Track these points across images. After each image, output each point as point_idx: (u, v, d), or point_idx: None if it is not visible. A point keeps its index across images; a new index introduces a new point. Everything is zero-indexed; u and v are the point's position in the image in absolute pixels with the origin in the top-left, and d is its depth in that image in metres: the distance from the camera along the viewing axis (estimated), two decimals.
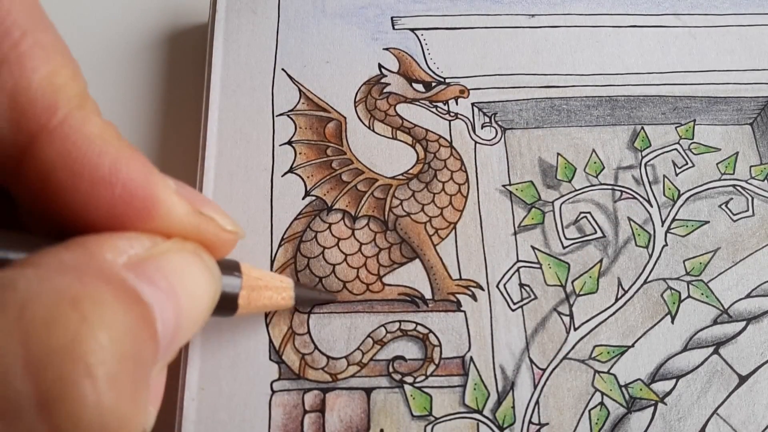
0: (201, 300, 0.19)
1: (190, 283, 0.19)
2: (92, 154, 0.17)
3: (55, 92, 0.17)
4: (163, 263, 0.18)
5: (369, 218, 0.29)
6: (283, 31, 0.33)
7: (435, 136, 0.31)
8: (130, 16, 0.37)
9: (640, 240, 0.29)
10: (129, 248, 0.17)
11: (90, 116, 0.18)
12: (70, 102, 0.17)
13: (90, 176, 0.17)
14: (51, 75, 0.17)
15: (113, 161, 0.17)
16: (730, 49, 0.33)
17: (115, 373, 0.14)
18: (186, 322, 0.18)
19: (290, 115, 0.31)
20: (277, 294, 0.25)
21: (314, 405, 0.26)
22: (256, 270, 0.24)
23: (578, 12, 0.34)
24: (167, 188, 0.19)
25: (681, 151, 0.31)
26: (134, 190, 0.18)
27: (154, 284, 0.17)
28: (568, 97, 0.32)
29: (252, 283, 0.24)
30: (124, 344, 0.15)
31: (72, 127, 0.17)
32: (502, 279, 0.28)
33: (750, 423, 0.26)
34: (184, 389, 0.25)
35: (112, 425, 0.14)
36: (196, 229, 0.20)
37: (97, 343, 0.14)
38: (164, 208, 0.19)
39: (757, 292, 0.28)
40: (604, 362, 0.27)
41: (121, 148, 0.18)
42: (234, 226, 0.22)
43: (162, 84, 0.35)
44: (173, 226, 0.19)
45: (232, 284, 0.23)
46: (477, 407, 0.26)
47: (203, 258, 0.20)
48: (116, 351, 0.14)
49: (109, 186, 0.17)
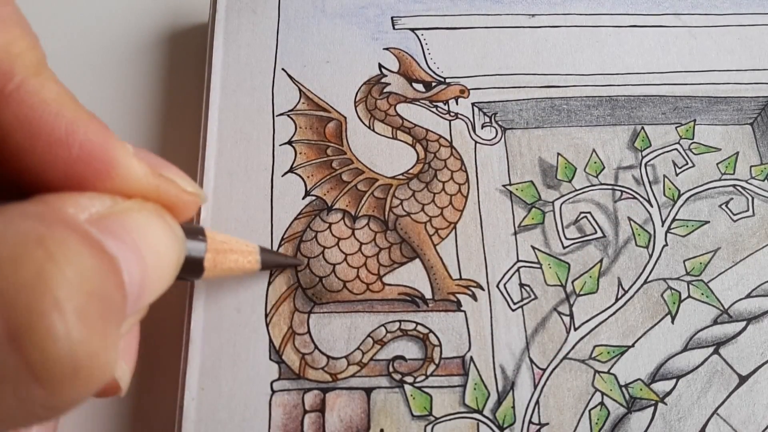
0: (165, 257, 0.19)
1: (153, 240, 0.19)
2: (48, 115, 0.18)
3: (11, 60, 0.18)
4: (125, 220, 0.18)
5: (369, 218, 0.29)
6: (283, 30, 0.33)
7: (435, 136, 0.31)
8: (130, 16, 0.37)
9: (640, 240, 0.29)
10: (90, 206, 0.18)
11: (46, 82, 0.18)
12: (26, 69, 0.18)
13: (47, 137, 0.18)
14: (7, 44, 0.18)
15: (70, 122, 0.18)
16: (731, 49, 0.33)
17: (83, 307, 0.14)
18: (152, 278, 0.18)
19: (290, 115, 0.31)
20: (243, 257, 0.25)
21: (314, 405, 0.26)
22: (221, 234, 0.25)
23: (578, 12, 0.34)
24: (125, 150, 0.19)
25: (681, 151, 0.31)
26: (91, 151, 0.18)
27: (118, 239, 0.17)
28: (568, 97, 0.32)
29: (217, 246, 0.24)
30: (91, 281, 0.15)
31: (28, 92, 0.18)
32: (503, 279, 0.28)
33: (750, 423, 0.26)
34: (184, 389, 0.25)
35: (81, 357, 0.14)
36: (156, 190, 0.20)
37: (63, 278, 0.14)
38: (122, 168, 0.19)
39: (758, 292, 0.28)
40: (605, 362, 0.27)
41: (78, 111, 0.18)
42: (194, 187, 0.22)
43: (162, 84, 0.35)
44: (133, 188, 0.19)
45: (197, 248, 0.23)
46: (477, 407, 0.26)
47: (165, 218, 0.20)
48: (83, 287, 0.15)
49: (65, 146, 0.18)
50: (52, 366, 0.14)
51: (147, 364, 0.27)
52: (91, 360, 0.15)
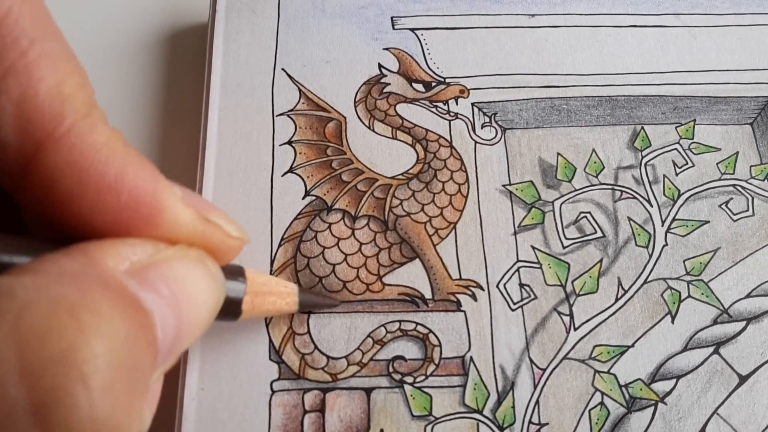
0: (203, 307, 0.19)
1: (192, 290, 0.19)
2: (98, 162, 0.17)
3: (62, 101, 0.17)
4: (165, 270, 0.18)
5: (369, 218, 0.29)
6: (283, 30, 0.33)
7: (435, 136, 0.31)
8: (130, 16, 0.37)
9: (640, 240, 0.29)
10: (132, 255, 0.17)
11: (96, 125, 0.18)
12: (77, 111, 0.17)
13: (96, 184, 0.17)
14: (58, 84, 0.17)
15: (119, 169, 0.18)
16: (730, 48, 0.33)
17: (110, 381, 0.14)
18: (187, 329, 0.18)
19: (290, 115, 0.31)
20: (281, 299, 0.25)
21: (314, 405, 0.26)
22: (260, 275, 0.24)
23: (578, 12, 0.34)
24: (173, 195, 0.19)
25: (681, 150, 0.31)
26: (140, 198, 0.18)
27: (155, 291, 0.17)
28: (568, 97, 0.32)
29: (256, 288, 0.24)
30: (120, 353, 0.15)
31: (78, 136, 0.17)
32: (502, 279, 0.28)
33: (750, 423, 0.26)
34: (184, 389, 0.25)
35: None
36: (202, 235, 0.20)
37: (92, 352, 0.14)
38: (170, 215, 0.19)
39: (757, 291, 0.28)
40: (604, 362, 0.27)
41: (127, 155, 0.18)
42: (239, 232, 0.22)
43: (162, 84, 0.35)
44: (179, 233, 0.19)
45: (236, 289, 0.23)
46: (477, 407, 0.26)
47: (207, 264, 0.20)
48: (112, 360, 0.14)
49: (115, 194, 0.17)
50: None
51: None
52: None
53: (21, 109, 0.17)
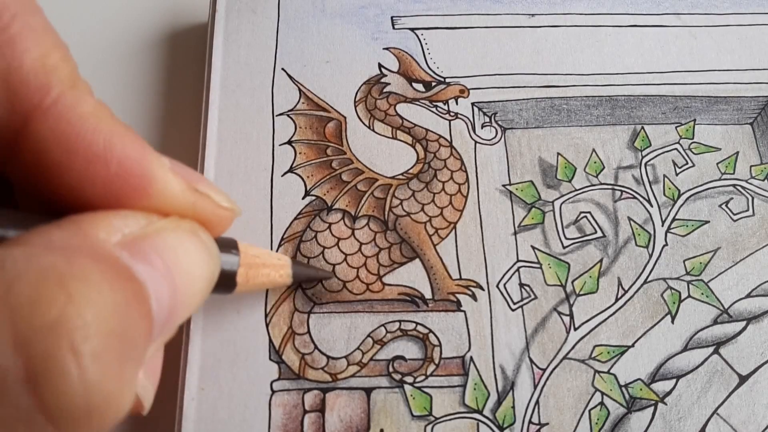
0: (198, 278, 0.19)
1: (186, 261, 0.19)
2: (86, 131, 0.17)
3: (47, 73, 0.17)
4: (158, 241, 0.18)
5: (369, 218, 0.29)
6: (283, 30, 0.33)
7: (435, 135, 0.31)
8: (130, 16, 0.37)
9: (640, 240, 0.29)
10: (124, 226, 0.17)
11: (83, 95, 0.18)
12: (62, 82, 0.17)
13: (84, 153, 0.17)
14: (42, 56, 0.17)
15: (107, 138, 0.18)
16: (731, 48, 0.33)
17: (100, 349, 0.14)
18: (183, 300, 0.18)
19: (290, 115, 0.31)
20: (275, 271, 0.25)
21: (314, 405, 0.26)
22: (253, 248, 0.25)
23: (578, 12, 0.34)
24: (162, 165, 0.19)
25: (681, 150, 0.31)
26: (129, 167, 0.18)
27: (148, 262, 0.17)
28: (568, 97, 0.32)
29: (250, 260, 0.24)
30: (110, 321, 0.15)
31: (65, 106, 0.17)
32: (502, 279, 0.28)
33: (750, 423, 0.26)
34: (184, 389, 0.25)
35: (97, 400, 0.14)
36: (192, 206, 0.20)
37: (81, 321, 0.14)
38: (160, 185, 0.19)
39: (758, 291, 0.28)
40: (604, 362, 0.27)
41: (115, 125, 0.18)
42: (230, 202, 0.22)
43: (162, 84, 0.35)
44: (169, 204, 0.19)
45: (230, 262, 0.23)
46: (477, 407, 0.26)
47: (200, 236, 0.20)
48: (102, 327, 0.14)
49: (104, 163, 0.17)
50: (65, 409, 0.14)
51: None
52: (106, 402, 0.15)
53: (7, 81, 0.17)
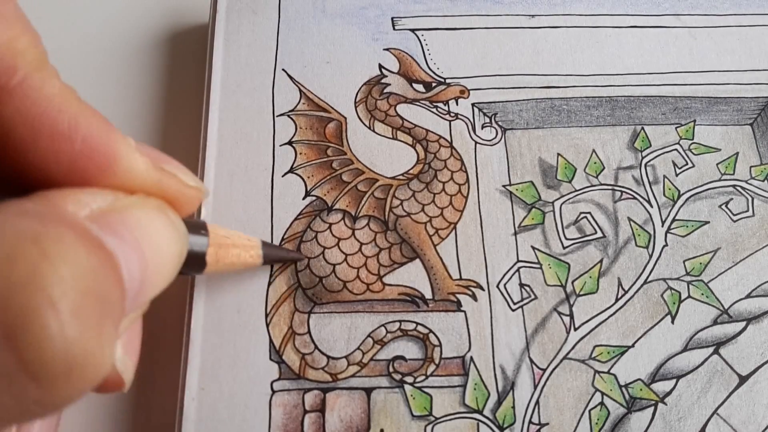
0: (166, 254, 0.20)
1: (154, 236, 0.19)
2: (51, 110, 0.18)
3: (14, 56, 0.18)
4: (126, 216, 0.18)
5: (369, 218, 0.29)
6: (283, 31, 0.33)
7: (435, 136, 0.31)
8: (130, 16, 0.37)
9: (640, 240, 0.29)
10: (92, 202, 0.18)
11: (49, 78, 0.18)
12: (29, 64, 0.18)
13: (49, 132, 0.18)
14: (10, 40, 0.18)
15: (72, 117, 0.18)
16: (731, 49, 0.33)
17: (78, 305, 0.14)
18: (152, 274, 0.18)
19: (291, 116, 0.31)
20: (245, 252, 0.25)
21: (314, 405, 0.26)
22: (223, 229, 0.25)
23: (578, 12, 0.34)
24: (127, 144, 0.19)
25: (681, 151, 0.31)
26: (94, 145, 0.18)
27: (117, 236, 0.17)
28: (568, 98, 0.32)
29: (219, 240, 0.24)
30: (86, 280, 0.15)
31: (31, 87, 0.18)
32: (503, 279, 0.28)
33: (750, 423, 0.26)
34: (184, 389, 0.25)
35: (77, 355, 0.14)
36: (158, 184, 0.20)
37: (58, 276, 0.14)
38: (125, 162, 0.19)
39: (757, 292, 0.28)
40: (604, 362, 0.27)
41: (80, 106, 0.18)
42: (196, 182, 0.22)
43: (162, 84, 0.35)
44: (135, 182, 0.19)
45: (199, 242, 0.23)
46: (477, 407, 0.26)
47: (167, 213, 0.20)
48: (79, 285, 0.15)
49: (68, 141, 0.18)
50: (46, 364, 0.14)
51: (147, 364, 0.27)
52: (86, 358, 0.15)
53: None
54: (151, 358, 0.27)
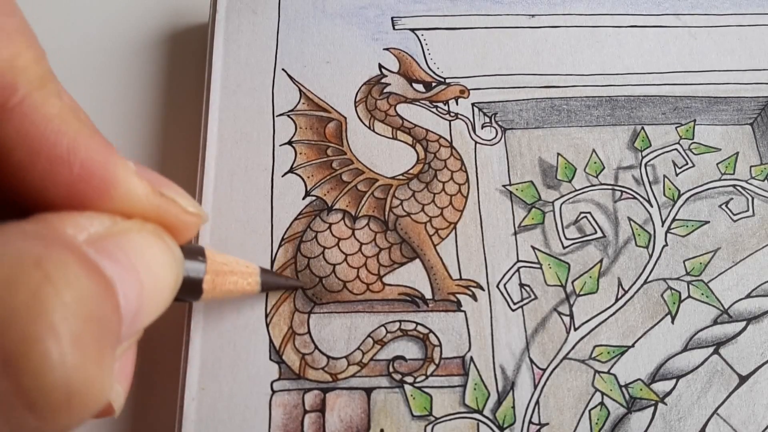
0: (163, 280, 0.19)
1: (151, 262, 0.19)
2: (50, 132, 0.17)
3: (15, 74, 0.17)
4: (123, 241, 0.18)
5: (369, 218, 0.29)
6: (283, 31, 0.33)
7: (435, 136, 0.31)
8: (130, 16, 0.37)
9: (640, 240, 0.29)
10: (89, 225, 0.17)
11: (50, 97, 0.18)
12: (30, 83, 0.18)
13: (48, 155, 0.17)
14: (12, 57, 0.17)
15: (71, 140, 0.18)
16: (731, 49, 0.33)
17: (79, 332, 0.14)
18: (148, 301, 0.18)
19: (290, 116, 0.31)
20: (243, 279, 0.25)
21: (314, 405, 0.26)
22: (221, 255, 0.24)
23: (578, 12, 0.34)
24: (126, 168, 0.19)
25: (681, 151, 0.31)
26: (93, 169, 0.18)
27: (114, 260, 0.17)
28: (568, 97, 0.32)
29: (217, 267, 0.24)
30: (88, 305, 0.15)
31: (31, 107, 0.17)
32: (503, 279, 0.28)
33: (750, 423, 0.26)
34: (184, 389, 0.25)
35: (76, 384, 0.14)
36: (157, 210, 0.20)
37: (60, 301, 0.14)
38: (123, 187, 0.19)
39: (758, 292, 0.28)
40: (604, 362, 0.27)
41: (80, 128, 0.18)
42: (196, 208, 0.22)
43: (162, 84, 0.35)
44: (133, 207, 0.19)
45: (196, 269, 0.23)
46: (477, 407, 0.26)
47: (164, 239, 0.20)
48: (80, 311, 0.14)
49: (67, 165, 0.18)
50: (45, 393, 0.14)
51: (147, 365, 0.27)
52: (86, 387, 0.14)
53: None
54: (151, 358, 0.27)
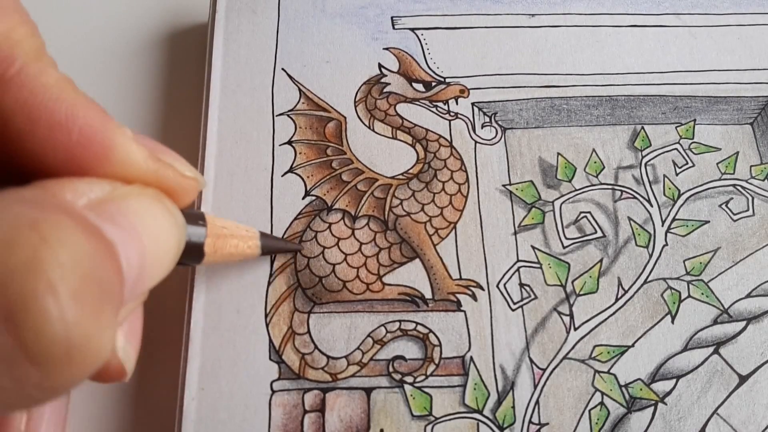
0: (165, 242, 0.20)
1: (152, 225, 0.19)
2: (48, 100, 0.18)
3: (12, 46, 0.18)
4: (123, 206, 0.18)
5: (369, 218, 0.29)
6: (283, 30, 0.33)
7: (435, 135, 0.31)
8: (130, 16, 0.37)
9: (640, 240, 0.29)
10: (89, 191, 0.18)
11: (47, 68, 0.18)
12: (26, 54, 0.18)
13: (47, 121, 0.18)
14: (8, 30, 0.18)
15: (69, 107, 0.18)
16: (731, 48, 0.33)
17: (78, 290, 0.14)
18: (151, 263, 0.18)
19: (290, 115, 0.31)
20: (243, 242, 0.25)
21: (314, 405, 0.26)
22: (221, 219, 0.25)
23: (578, 12, 0.34)
24: (124, 135, 0.19)
25: (681, 150, 0.31)
26: (91, 135, 0.18)
27: (115, 224, 0.17)
28: (568, 97, 0.32)
29: (217, 231, 0.24)
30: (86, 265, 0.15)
31: (28, 76, 0.18)
32: (502, 279, 0.28)
33: (750, 423, 0.26)
34: (184, 389, 0.25)
35: (76, 339, 0.14)
36: (155, 175, 0.20)
37: (57, 261, 0.14)
38: (122, 152, 0.19)
39: (758, 291, 0.28)
40: (604, 362, 0.27)
41: (77, 96, 0.18)
42: (193, 172, 0.22)
43: (162, 84, 0.35)
44: (132, 172, 0.19)
45: (197, 233, 0.23)
46: (477, 407, 0.26)
47: (165, 203, 0.20)
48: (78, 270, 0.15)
49: (66, 131, 0.18)
50: (45, 346, 0.14)
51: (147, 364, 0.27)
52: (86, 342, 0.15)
53: None
54: (151, 358, 0.27)
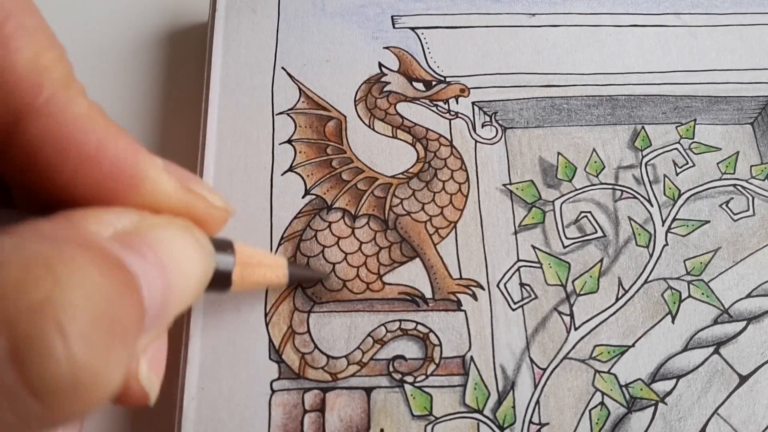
0: (191, 273, 0.19)
1: (179, 256, 0.19)
2: (78, 131, 0.18)
3: (40, 73, 0.17)
4: (150, 236, 0.18)
5: (369, 217, 0.29)
6: (283, 29, 0.33)
7: (435, 135, 0.31)
8: (130, 16, 0.37)
9: (640, 239, 0.29)
10: (116, 222, 0.18)
11: (76, 96, 0.18)
12: (55, 82, 0.18)
13: (76, 153, 0.17)
14: (36, 56, 0.17)
15: (99, 138, 0.18)
16: (731, 48, 0.33)
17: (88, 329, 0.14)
18: (176, 295, 0.18)
19: (290, 114, 0.31)
20: (271, 272, 0.25)
21: (314, 404, 0.25)
22: (250, 248, 0.25)
23: (579, 11, 0.34)
24: (155, 165, 0.19)
25: (681, 150, 0.31)
26: (121, 167, 0.18)
27: (140, 255, 0.17)
28: (568, 97, 0.32)
29: (245, 260, 0.24)
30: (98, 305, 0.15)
31: (57, 106, 0.17)
32: (503, 278, 0.28)
33: (750, 423, 0.26)
34: (184, 389, 0.25)
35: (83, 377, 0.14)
36: (186, 205, 0.20)
37: (68, 302, 0.14)
38: (152, 183, 0.19)
39: (758, 291, 0.28)
40: (605, 362, 0.27)
41: (107, 126, 0.18)
42: (223, 202, 0.22)
43: (162, 83, 0.35)
44: (162, 203, 0.19)
45: (225, 261, 0.23)
46: (477, 407, 0.26)
47: (193, 233, 0.20)
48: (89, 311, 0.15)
49: (95, 163, 0.18)
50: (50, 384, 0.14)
51: None
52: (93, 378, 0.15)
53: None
54: None
